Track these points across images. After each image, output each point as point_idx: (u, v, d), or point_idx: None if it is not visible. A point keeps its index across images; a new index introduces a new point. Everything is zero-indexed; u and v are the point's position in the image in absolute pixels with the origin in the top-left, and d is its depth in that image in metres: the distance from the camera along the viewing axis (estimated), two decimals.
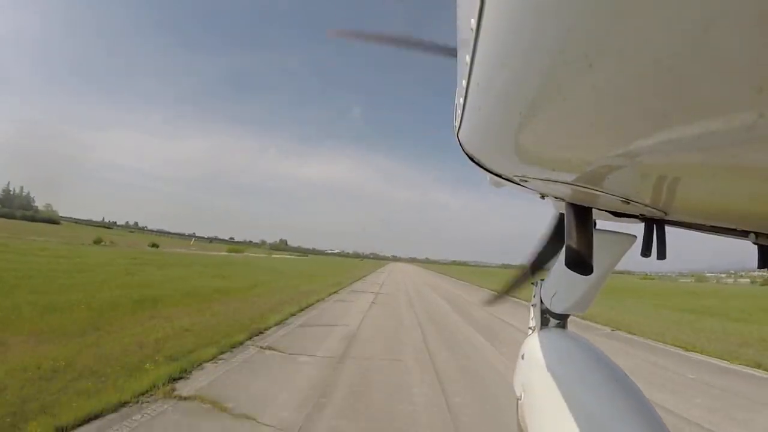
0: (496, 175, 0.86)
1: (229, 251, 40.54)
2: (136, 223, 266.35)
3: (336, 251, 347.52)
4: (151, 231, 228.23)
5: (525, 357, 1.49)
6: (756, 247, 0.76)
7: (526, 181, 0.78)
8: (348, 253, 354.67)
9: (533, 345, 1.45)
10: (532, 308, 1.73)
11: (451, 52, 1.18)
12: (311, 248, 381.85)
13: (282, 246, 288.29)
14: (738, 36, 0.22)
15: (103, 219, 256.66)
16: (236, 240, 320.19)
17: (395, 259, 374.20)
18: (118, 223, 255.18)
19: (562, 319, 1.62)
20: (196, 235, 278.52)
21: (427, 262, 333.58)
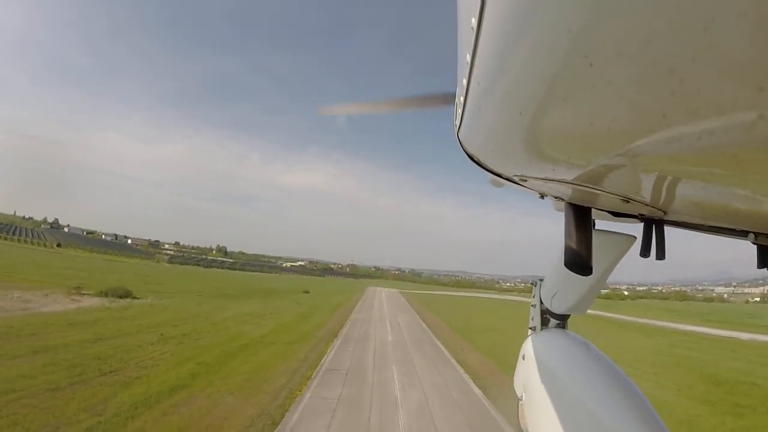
0: (496, 174, 0.94)
1: None
2: (57, 220, 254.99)
3: (300, 262, 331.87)
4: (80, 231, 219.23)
5: (525, 357, 1.63)
6: (755, 247, 0.87)
7: (525, 180, 0.86)
8: (316, 264, 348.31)
9: (534, 345, 1.59)
10: (532, 309, 1.89)
11: (449, 99, 1.32)
12: (276, 257, 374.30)
13: (218, 256, 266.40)
14: (738, 36, 0.25)
15: (14, 212, 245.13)
16: (181, 244, 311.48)
17: (377, 271, 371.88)
18: (35, 218, 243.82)
19: (562, 320, 1.77)
20: (130, 237, 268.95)
21: (413, 276, 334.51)
